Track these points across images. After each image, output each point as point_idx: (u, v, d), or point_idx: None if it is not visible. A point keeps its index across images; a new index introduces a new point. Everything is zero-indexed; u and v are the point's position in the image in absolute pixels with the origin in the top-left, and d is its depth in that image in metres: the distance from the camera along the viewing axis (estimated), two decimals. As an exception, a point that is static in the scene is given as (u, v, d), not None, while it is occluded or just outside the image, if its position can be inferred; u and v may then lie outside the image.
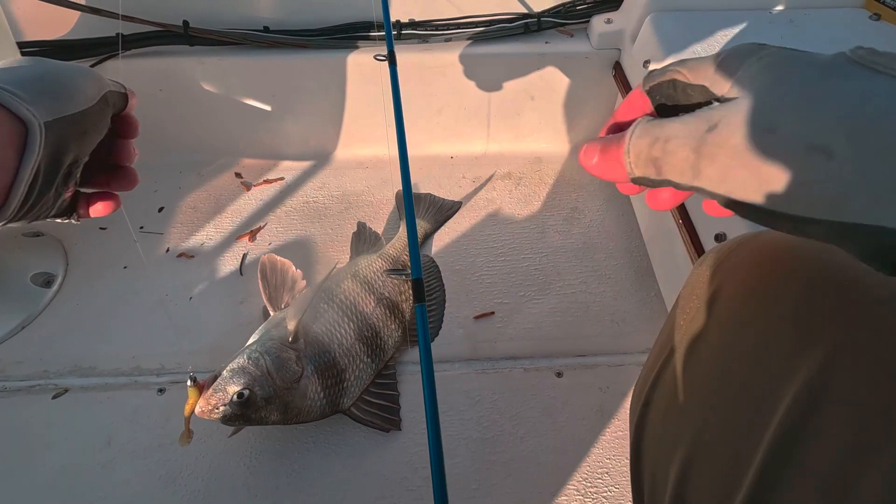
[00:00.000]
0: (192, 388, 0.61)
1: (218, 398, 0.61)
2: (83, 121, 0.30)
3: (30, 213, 0.30)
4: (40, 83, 0.29)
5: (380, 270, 0.80)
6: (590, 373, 0.76)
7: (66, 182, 0.31)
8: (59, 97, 0.29)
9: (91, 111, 0.31)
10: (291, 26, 0.89)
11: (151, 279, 0.85)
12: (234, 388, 0.62)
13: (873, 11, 0.78)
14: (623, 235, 0.92)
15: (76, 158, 0.31)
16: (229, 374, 0.63)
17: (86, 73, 0.32)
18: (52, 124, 0.28)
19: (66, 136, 0.29)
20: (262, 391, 0.63)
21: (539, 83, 0.94)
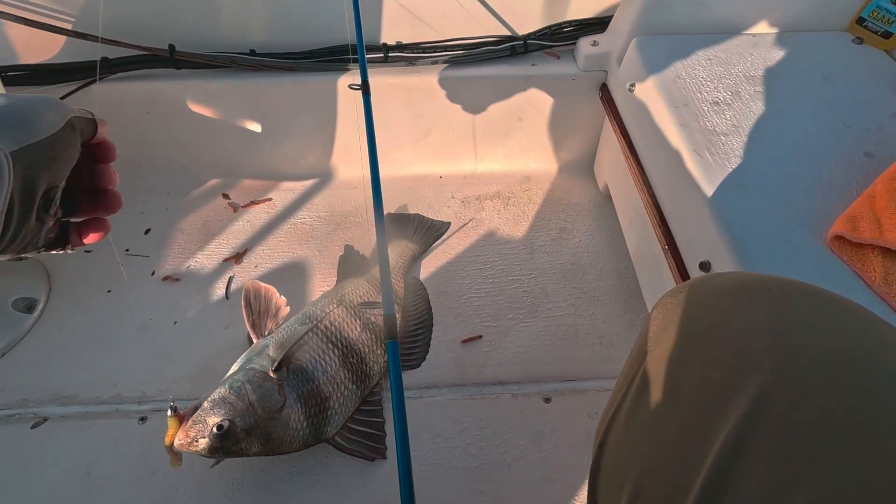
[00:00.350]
0: (173, 417, 0.60)
1: (197, 430, 0.60)
2: (50, 147, 0.31)
3: (13, 244, 0.30)
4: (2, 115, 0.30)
5: (366, 295, 0.79)
6: (578, 398, 0.75)
7: (46, 209, 0.31)
8: (22, 127, 0.30)
9: (57, 137, 0.31)
10: (278, 49, 0.89)
11: (136, 303, 0.84)
12: (214, 419, 0.61)
13: (856, 35, 0.78)
14: (612, 256, 0.92)
15: (50, 185, 0.31)
16: (209, 404, 0.62)
17: (47, 102, 0.32)
18: (18, 153, 0.28)
19: (34, 163, 0.29)
20: (242, 422, 0.62)
21: (526, 104, 0.94)
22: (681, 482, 0.30)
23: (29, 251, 0.33)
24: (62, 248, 0.36)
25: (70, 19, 0.83)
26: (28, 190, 0.29)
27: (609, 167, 0.94)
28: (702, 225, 0.59)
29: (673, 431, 0.32)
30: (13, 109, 0.30)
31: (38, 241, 0.33)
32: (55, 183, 0.32)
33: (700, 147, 0.63)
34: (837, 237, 0.52)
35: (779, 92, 0.70)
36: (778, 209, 0.57)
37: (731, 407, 0.29)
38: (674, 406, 0.33)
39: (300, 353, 0.70)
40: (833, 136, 0.64)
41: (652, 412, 0.35)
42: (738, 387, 0.29)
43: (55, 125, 0.31)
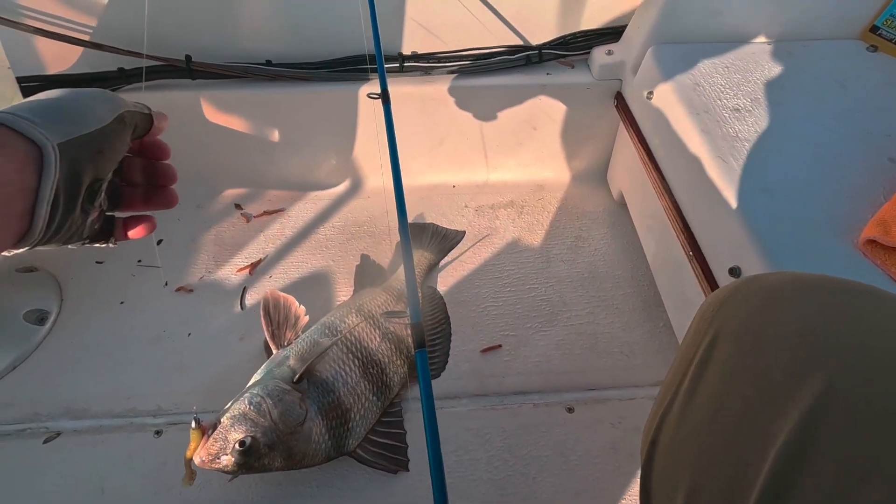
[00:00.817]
0: (195, 430, 0.59)
1: (219, 447, 0.59)
2: (97, 140, 0.31)
3: (57, 234, 0.30)
4: (52, 108, 0.30)
5: (384, 304, 0.78)
6: (601, 407, 0.74)
7: (91, 201, 0.32)
8: (71, 120, 0.30)
9: (105, 131, 0.32)
10: (294, 59, 0.89)
11: (149, 315, 0.83)
12: (236, 435, 0.59)
13: (870, 43, 0.79)
14: (629, 264, 0.91)
15: (96, 177, 0.32)
16: (230, 420, 0.61)
17: (98, 96, 0.33)
18: (65, 145, 0.29)
19: (80, 155, 0.30)
20: (264, 438, 0.60)
21: (540, 113, 0.95)
22: (741, 480, 0.30)
23: (73, 242, 0.33)
24: (105, 241, 0.36)
25: (87, 31, 0.83)
26: (74, 182, 0.30)
27: (624, 175, 0.94)
28: (729, 230, 0.59)
29: (729, 430, 0.32)
30: (64, 103, 0.31)
31: (83, 231, 0.33)
32: (101, 176, 0.32)
33: (724, 153, 0.63)
34: (870, 241, 0.52)
35: (798, 99, 0.71)
36: (805, 214, 0.57)
37: (791, 405, 0.29)
38: (729, 404, 0.33)
39: (320, 364, 0.69)
40: (855, 142, 0.64)
41: (706, 410, 0.34)
42: (798, 385, 0.29)
43: (104, 119, 0.32)
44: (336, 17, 0.86)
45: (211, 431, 0.59)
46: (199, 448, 0.58)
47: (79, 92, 0.32)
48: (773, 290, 0.35)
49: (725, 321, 0.36)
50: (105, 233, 0.36)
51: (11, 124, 0.27)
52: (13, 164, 0.27)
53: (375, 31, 0.68)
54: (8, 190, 0.27)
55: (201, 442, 0.58)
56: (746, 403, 0.32)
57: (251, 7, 0.84)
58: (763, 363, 0.32)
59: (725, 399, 0.33)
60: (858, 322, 0.30)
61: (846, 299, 0.32)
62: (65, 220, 0.30)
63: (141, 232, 0.37)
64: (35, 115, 0.29)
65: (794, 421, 0.28)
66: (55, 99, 0.31)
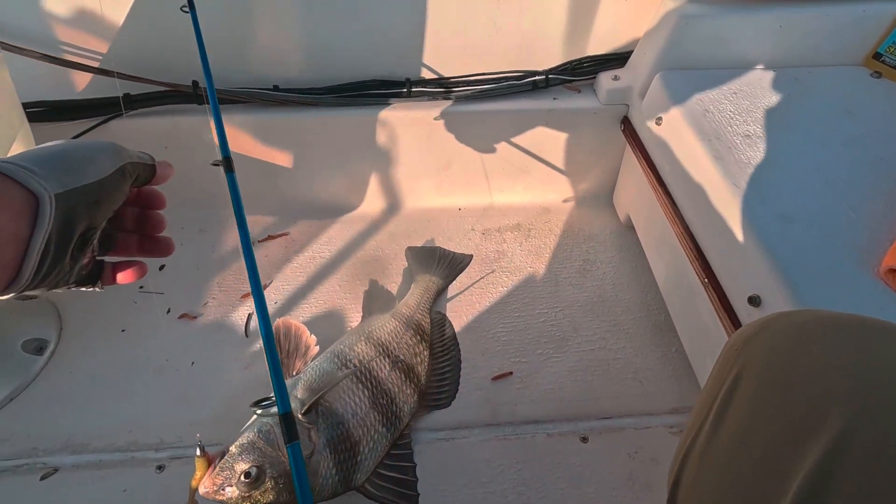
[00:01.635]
0: (200, 458, 0.57)
1: (224, 477, 0.57)
2: (95, 191, 0.32)
3: (45, 280, 0.31)
4: (53, 158, 0.31)
5: (394, 331, 0.77)
6: (616, 437, 0.72)
7: (82, 249, 0.32)
8: (71, 170, 0.31)
9: (104, 182, 0.32)
10: (300, 85, 0.89)
11: (151, 343, 0.81)
12: (242, 465, 0.57)
13: (874, 70, 0.80)
14: (639, 288, 0.91)
15: (90, 226, 0.32)
16: (237, 450, 0.59)
17: (102, 147, 0.34)
18: (62, 196, 0.29)
19: (77, 206, 0.30)
20: (271, 470, 0.58)
21: (547, 137, 0.95)
22: None
23: (59, 287, 0.33)
24: (93, 285, 0.36)
25: (93, 56, 0.82)
26: (66, 231, 0.30)
27: (631, 198, 0.94)
28: (746, 258, 0.58)
29: (751, 468, 0.32)
30: (67, 153, 0.32)
31: (70, 277, 0.33)
32: (95, 225, 0.33)
33: (738, 179, 0.63)
34: (892, 270, 0.51)
35: (807, 125, 0.71)
36: (823, 241, 0.56)
37: (810, 446, 0.29)
38: (751, 443, 0.33)
39: (329, 395, 0.67)
40: (867, 168, 0.64)
41: (727, 450, 0.35)
42: (817, 426, 0.29)
43: (104, 171, 0.32)
44: (342, 43, 0.87)
45: (218, 461, 0.58)
46: (204, 477, 0.56)
47: (83, 143, 0.33)
48: (796, 330, 0.35)
49: (750, 360, 0.36)
50: (93, 277, 0.36)
51: (11, 174, 0.28)
52: (8, 213, 0.27)
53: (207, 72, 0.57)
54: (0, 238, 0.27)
55: (207, 471, 0.57)
56: (767, 442, 0.32)
57: (258, 34, 0.84)
58: (784, 402, 0.32)
59: (747, 438, 0.33)
60: (877, 359, 0.31)
61: (866, 337, 0.32)
62: (53, 267, 0.30)
63: (130, 277, 0.37)
64: (36, 165, 0.29)
65: (814, 459, 0.28)
66: (58, 149, 0.32)
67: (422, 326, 0.80)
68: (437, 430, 0.73)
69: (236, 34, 0.84)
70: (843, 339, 0.33)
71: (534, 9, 0.86)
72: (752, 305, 0.56)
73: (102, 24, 0.80)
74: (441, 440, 0.72)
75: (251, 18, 0.83)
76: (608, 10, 0.87)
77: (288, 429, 0.39)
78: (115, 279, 0.37)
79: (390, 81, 0.90)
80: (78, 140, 0.34)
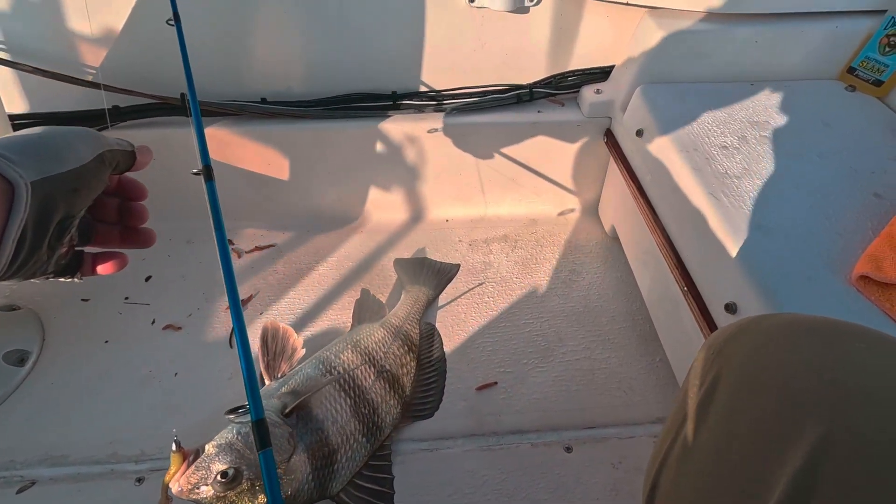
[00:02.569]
0: (176, 453, 0.56)
1: (199, 476, 0.55)
2: (73, 179, 0.31)
3: (22, 270, 0.30)
4: (31, 145, 0.30)
5: (381, 341, 0.77)
6: (600, 446, 0.72)
7: (59, 238, 0.32)
8: (48, 158, 0.30)
9: (83, 170, 0.32)
10: (288, 98, 0.90)
11: (135, 354, 0.81)
12: (219, 465, 0.56)
13: (848, 83, 0.82)
14: (623, 298, 0.91)
15: (67, 214, 0.31)
16: (215, 449, 0.58)
17: (80, 134, 0.33)
18: (39, 183, 0.29)
19: (54, 193, 0.30)
20: (248, 472, 0.57)
21: (532, 149, 0.96)
22: None
23: (37, 276, 0.33)
24: (72, 276, 0.36)
25: (82, 69, 0.83)
26: (43, 219, 0.30)
27: (616, 210, 0.95)
28: (723, 266, 0.59)
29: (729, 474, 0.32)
30: (44, 140, 0.31)
31: (48, 267, 0.33)
32: (73, 213, 0.32)
33: (715, 190, 0.64)
34: (863, 277, 0.52)
35: (783, 137, 0.72)
36: (798, 249, 0.57)
37: (791, 451, 0.29)
38: (727, 452, 0.33)
39: (310, 400, 0.67)
40: (841, 178, 0.65)
41: (707, 454, 0.34)
42: (797, 431, 0.29)
43: (83, 158, 0.32)
44: (330, 57, 0.88)
45: (193, 458, 0.56)
46: (178, 474, 0.55)
47: (61, 129, 0.32)
48: (772, 333, 0.35)
49: (726, 363, 0.36)
50: (72, 267, 0.35)
51: None
52: None
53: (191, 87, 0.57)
54: None
55: (181, 468, 0.55)
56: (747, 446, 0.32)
57: (247, 48, 0.86)
58: (762, 406, 0.32)
59: (727, 442, 0.33)
60: (853, 367, 0.31)
61: (842, 342, 0.33)
62: (30, 256, 0.30)
63: (110, 268, 0.37)
64: (12, 152, 0.29)
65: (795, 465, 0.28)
66: (35, 136, 0.31)
67: (410, 337, 0.80)
68: (420, 441, 0.72)
69: (226, 48, 0.85)
70: (820, 342, 0.33)
71: (517, 25, 0.87)
72: (728, 312, 0.56)
73: (93, 38, 0.82)
74: (424, 450, 0.71)
75: (241, 33, 0.84)
76: (590, 25, 0.89)
77: (261, 435, 0.39)
78: (94, 270, 0.37)
79: (377, 95, 0.92)
80: (56, 127, 0.33)
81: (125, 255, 0.38)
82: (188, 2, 0.79)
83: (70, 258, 0.35)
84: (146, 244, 0.39)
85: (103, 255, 0.37)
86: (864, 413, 0.28)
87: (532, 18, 0.87)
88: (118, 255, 0.38)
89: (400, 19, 0.85)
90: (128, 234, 0.38)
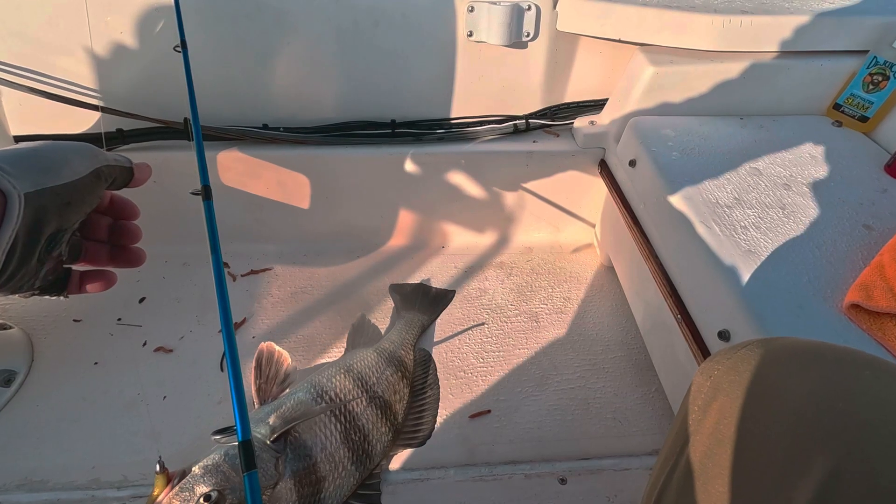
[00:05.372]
0: (160, 475, 0.55)
1: (182, 498, 0.54)
2: (67, 192, 0.31)
3: (10, 282, 0.30)
4: (27, 158, 0.31)
5: (374, 366, 0.76)
6: (595, 479, 0.70)
7: (49, 251, 0.32)
8: (44, 170, 0.31)
9: (77, 184, 0.32)
10: (289, 124, 0.92)
11: (124, 376, 0.80)
12: (203, 488, 0.55)
13: (835, 119, 0.84)
14: (618, 327, 0.91)
15: (60, 228, 0.32)
16: (201, 471, 0.57)
17: (77, 149, 0.33)
18: (32, 195, 0.29)
19: (47, 206, 0.30)
20: (233, 495, 0.56)
21: (528, 178, 0.98)
22: None
23: (24, 291, 0.32)
24: (58, 293, 0.36)
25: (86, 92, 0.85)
26: (35, 231, 0.30)
27: (610, 239, 0.96)
28: (716, 294, 0.59)
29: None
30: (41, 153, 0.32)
31: (35, 281, 0.32)
32: (65, 226, 0.32)
33: (706, 219, 0.65)
34: (854, 305, 0.52)
35: (773, 168, 0.74)
36: (789, 278, 0.57)
37: (797, 489, 0.28)
38: (732, 485, 0.31)
39: (300, 426, 0.65)
40: (831, 209, 0.67)
41: (707, 490, 0.33)
42: (803, 467, 0.28)
43: (79, 172, 0.32)
44: (331, 86, 0.90)
45: (177, 480, 0.55)
46: (161, 496, 0.54)
47: (59, 144, 0.33)
48: (774, 359, 0.34)
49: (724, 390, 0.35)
50: (59, 285, 0.35)
51: None
52: None
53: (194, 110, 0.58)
54: None
55: (165, 490, 0.54)
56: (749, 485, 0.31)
57: (250, 75, 0.88)
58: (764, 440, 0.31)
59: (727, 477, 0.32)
60: (863, 397, 0.30)
61: (849, 371, 0.32)
62: (19, 268, 0.30)
63: (98, 287, 0.37)
64: (7, 163, 0.29)
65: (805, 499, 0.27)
66: (32, 149, 0.32)
67: (404, 363, 0.80)
68: (410, 469, 0.70)
69: (230, 75, 0.88)
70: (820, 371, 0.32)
71: (515, 59, 0.90)
72: (721, 340, 0.56)
73: (100, 62, 0.84)
74: (415, 480, 0.69)
75: (245, 61, 0.87)
76: (585, 60, 0.92)
77: (247, 457, 0.38)
78: (82, 288, 0.37)
79: (376, 123, 0.94)
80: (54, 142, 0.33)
81: (114, 273, 0.38)
82: (196, 30, 0.82)
83: (57, 275, 0.35)
84: (136, 263, 0.39)
85: (91, 273, 0.37)
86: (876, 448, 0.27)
87: (529, 53, 0.90)
88: (106, 273, 0.38)
89: (400, 51, 0.88)
90: (118, 252, 0.38)
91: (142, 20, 0.81)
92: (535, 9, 0.85)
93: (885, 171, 0.73)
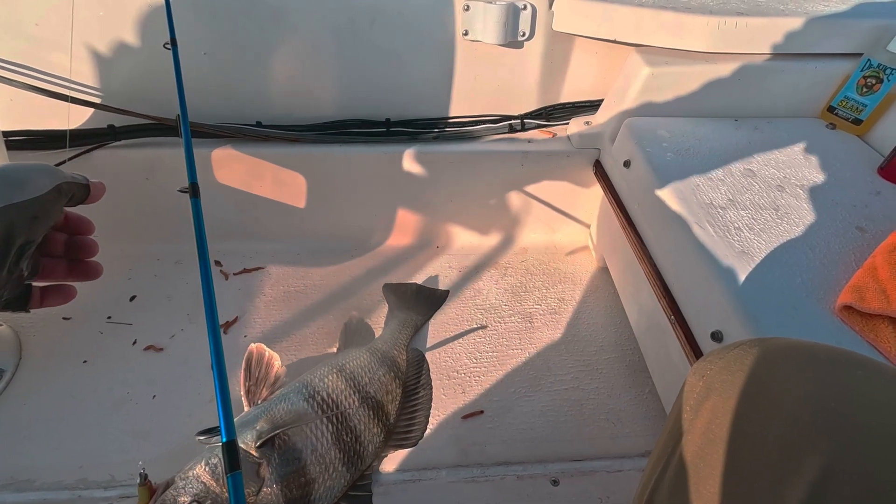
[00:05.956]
0: (142, 487, 0.56)
1: None
2: (34, 207, 0.34)
3: None
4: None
5: (367, 365, 0.75)
6: (587, 480, 0.70)
7: (18, 263, 0.34)
8: (10, 187, 0.33)
9: (42, 199, 0.34)
10: (283, 122, 0.92)
11: (113, 375, 0.79)
12: (184, 499, 0.55)
13: (829, 121, 0.85)
14: (612, 328, 0.91)
15: (27, 240, 0.34)
16: (182, 482, 0.57)
17: (39, 168, 0.36)
18: (2, 210, 0.32)
19: (16, 220, 0.32)
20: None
21: (523, 178, 0.98)
22: None
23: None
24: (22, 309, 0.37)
25: (77, 87, 0.85)
26: (6, 243, 0.32)
27: (605, 239, 0.96)
28: (709, 295, 0.59)
29: None
30: (6, 172, 0.34)
31: (3, 293, 0.34)
32: (32, 238, 0.34)
33: (700, 220, 0.65)
34: (846, 307, 0.52)
35: (767, 170, 0.74)
36: (783, 279, 0.57)
37: (790, 488, 0.28)
38: (724, 484, 0.31)
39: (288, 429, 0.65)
40: (824, 211, 0.66)
41: (699, 489, 0.33)
42: (796, 467, 0.28)
43: (42, 188, 0.35)
44: (326, 84, 0.90)
45: (160, 491, 0.56)
46: None
47: (21, 164, 0.36)
48: (768, 359, 0.34)
49: (717, 389, 0.35)
50: (22, 300, 0.37)
51: None
52: None
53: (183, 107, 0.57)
54: None
55: (149, 502, 0.55)
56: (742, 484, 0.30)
57: (243, 72, 0.88)
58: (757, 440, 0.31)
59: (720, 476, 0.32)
60: (857, 398, 0.30)
61: (844, 372, 0.32)
62: None
63: (58, 301, 0.39)
64: None
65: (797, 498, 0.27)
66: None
67: (396, 363, 0.79)
68: (403, 471, 0.70)
69: (223, 72, 0.87)
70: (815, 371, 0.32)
71: (510, 59, 0.90)
72: (714, 341, 0.56)
73: (92, 58, 0.83)
74: (407, 481, 0.69)
75: (238, 58, 0.86)
76: (581, 61, 0.92)
77: (230, 458, 0.37)
78: (43, 303, 0.39)
79: (371, 121, 0.93)
80: (17, 163, 0.36)
81: (73, 287, 0.40)
82: (189, 27, 0.81)
83: (20, 291, 0.37)
84: (93, 276, 0.41)
85: (51, 288, 0.39)
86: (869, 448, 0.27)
87: (525, 53, 0.90)
88: (65, 288, 0.39)
89: (396, 49, 0.87)
90: (75, 266, 0.40)
91: (135, 16, 0.80)
92: (530, 8, 0.85)
93: (879, 174, 0.73)
